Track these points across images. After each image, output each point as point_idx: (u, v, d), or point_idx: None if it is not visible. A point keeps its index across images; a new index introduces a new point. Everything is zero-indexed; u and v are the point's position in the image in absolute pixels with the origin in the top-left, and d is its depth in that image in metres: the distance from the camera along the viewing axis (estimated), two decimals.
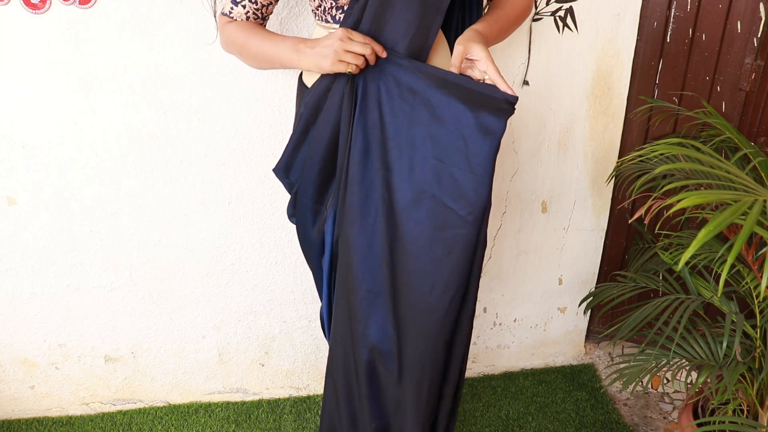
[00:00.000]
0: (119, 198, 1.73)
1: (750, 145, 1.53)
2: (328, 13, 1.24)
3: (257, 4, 1.27)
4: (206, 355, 1.99)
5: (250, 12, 1.28)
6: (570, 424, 1.98)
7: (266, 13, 1.31)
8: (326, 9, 1.23)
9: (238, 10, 1.27)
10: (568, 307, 2.17)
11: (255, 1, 1.27)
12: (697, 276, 1.68)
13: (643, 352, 1.63)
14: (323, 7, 1.24)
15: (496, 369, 2.20)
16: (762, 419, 1.56)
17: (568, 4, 1.69)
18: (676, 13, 1.76)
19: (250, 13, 1.28)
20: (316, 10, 1.27)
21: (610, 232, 2.09)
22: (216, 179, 1.74)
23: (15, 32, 1.50)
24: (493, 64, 1.12)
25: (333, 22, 1.24)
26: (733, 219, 0.98)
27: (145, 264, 1.83)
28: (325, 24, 1.26)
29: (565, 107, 1.84)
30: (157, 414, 2.01)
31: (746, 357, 1.52)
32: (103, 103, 1.61)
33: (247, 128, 1.69)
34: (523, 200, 1.95)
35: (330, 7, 1.22)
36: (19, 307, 1.83)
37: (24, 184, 1.67)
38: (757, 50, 1.74)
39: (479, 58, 1.13)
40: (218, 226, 1.81)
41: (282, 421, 1.99)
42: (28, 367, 1.92)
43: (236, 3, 1.27)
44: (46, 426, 1.96)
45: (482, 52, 1.12)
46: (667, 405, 2.07)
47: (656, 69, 1.84)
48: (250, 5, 1.27)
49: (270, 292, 1.93)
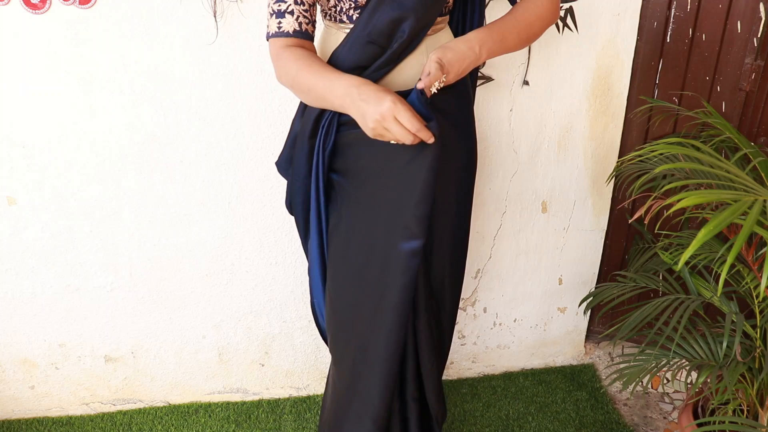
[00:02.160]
0: (119, 198, 1.73)
1: (750, 145, 1.53)
2: (345, 14, 1.21)
3: (304, 4, 1.17)
4: (206, 355, 1.99)
5: (300, 17, 1.16)
6: (570, 424, 1.98)
7: (314, 15, 1.20)
8: (343, 9, 1.20)
9: (287, 20, 1.16)
10: (568, 307, 2.17)
11: (301, 2, 1.16)
12: (697, 276, 1.68)
13: (643, 352, 1.63)
14: (340, 7, 1.20)
15: (496, 369, 2.20)
16: (762, 419, 1.56)
17: (568, 4, 1.69)
18: (676, 13, 1.76)
19: (300, 17, 1.16)
20: (329, 10, 1.22)
21: (610, 232, 2.09)
22: (216, 179, 1.74)
23: (15, 32, 1.50)
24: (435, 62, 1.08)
25: (349, 22, 1.21)
26: (733, 219, 0.98)
27: (145, 264, 1.83)
28: (340, 24, 1.22)
29: (565, 107, 1.84)
30: (157, 414, 2.01)
31: (746, 357, 1.52)
32: (103, 103, 1.61)
33: (247, 128, 1.69)
34: (523, 200, 1.95)
35: (348, 8, 1.19)
36: (19, 307, 1.83)
37: (24, 184, 1.67)
38: (757, 50, 1.74)
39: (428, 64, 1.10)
40: (218, 226, 1.81)
41: (282, 421, 1.99)
42: (28, 367, 1.92)
43: (282, 14, 1.16)
44: (46, 426, 1.96)
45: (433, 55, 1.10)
46: (667, 405, 2.07)
47: (656, 69, 1.84)
48: (298, 8, 1.16)
49: (270, 292, 1.93)
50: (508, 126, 1.83)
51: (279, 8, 1.16)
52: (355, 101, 1.08)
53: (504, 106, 1.80)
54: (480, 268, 2.02)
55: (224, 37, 1.57)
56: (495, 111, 1.80)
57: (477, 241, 1.97)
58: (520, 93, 1.79)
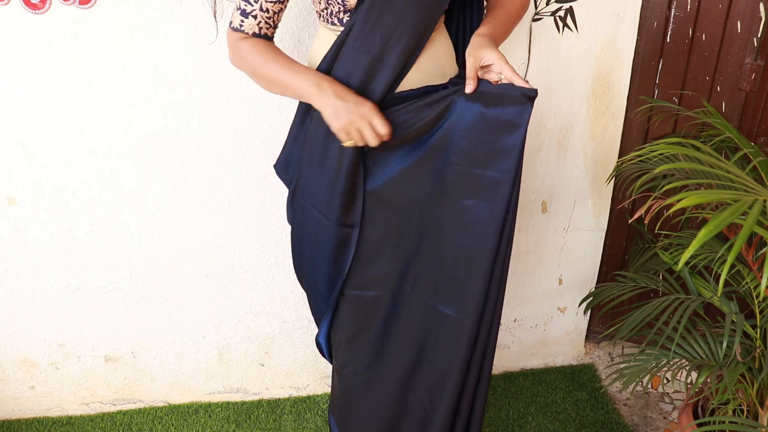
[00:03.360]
0: (119, 198, 1.73)
1: (750, 145, 1.53)
2: (336, 17, 1.23)
3: (268, 12, 1.22)
4: (206, 355, 1.99)
5: (262, 22, 1.22)
6: (570, 424, 1.98)
7: (277, 21, 1.25)
8: (333, 12, 1.23)
9: (249, 22, 1.22)
10: (568, 307, 2.17)
11: (266, 9, 1.21)
12: (697, 276, 1.68)
13: (643, 352, 1.63)
14: (330, 10, 1.23)
15: (496, 369, 2.20)
16: (762, 419, 1.56)
17: (568, 4, 1.69)
18: (676, 13, 1.76)
19: (262, 23, 1.22)
20: (322, 12, 1.25)
21: (610, 232, 2.09)
22: (216, 179, 1.74)
23: (15, 32, 1.50)
24: (507, 64, 1.14)
25: (340, 25, 1.23)
26: (733, 219, 0.98)
27: (145, 264, 1.83)
28: (331, 27, 1.25)
29: (565, 107, 1.84)
30: (157, 414, 2.01)
31: (746, 357, 1.52)
32: (103, 103, 1.61)
33: (247, 128, 1.69)
34: (523, 200, 1.95)
35: (338, 11, 1.22)
36: (19, 307, 1.83)
37: (24, 184, 1.67)
38: (757, 50, 1.74)
39: (492, 62, 1.15)
40: (218, 226, 1.81)
41: (282, 421, 1.99)
42: (28, 367, 1.92)
43: (246, 15, 1.21)
44: (46, 426, 1.96)
45: (493, 55, 1.14)
46: (667, 405, 2.07)
47: (656, 69, 1.84)
48: (262, 15, 1.21)
49: (270, 292, 1.93)
50: None
51: (245, 8, 1.22)
52: (327, 96, 1.15)
53: None
54: None
55: (224, 37, 1.57)
56: None
57: None
58: None
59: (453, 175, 1.24)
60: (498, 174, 1.19)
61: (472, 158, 1.21)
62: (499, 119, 1.17)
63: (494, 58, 1.14)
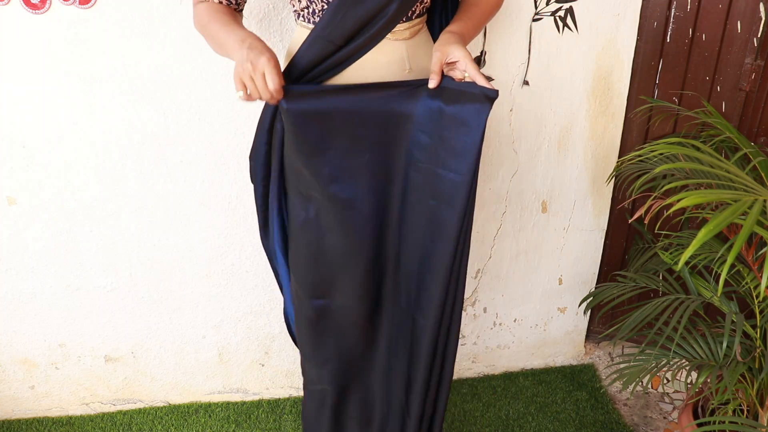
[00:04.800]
0: (119, 198, 1.73)
1: (750, 145, 1.53)
2: (318, 15, 1.22)
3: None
4: (206, 355, 1.99)
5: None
6: (570, 424, 1.98)
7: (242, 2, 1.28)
8: (315, 11, 1.22)
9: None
10: (568, 307, 2.17)
11: None
12: (697, 276, 1.68)
13: (643, 352, 1.63)
14: (312, 9, 1.22)
15: (496, 369, 2.20)
16: (762, 419, 1.56)
17: (568, 4, 1.69)
18: (676, 13, 1.76)
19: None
20: (302, 11, 1.25)
21: (610, 232, 2.09)
22: (216, 179, 1.74)
23: (15, 32, 1.50)
24: (472, 62, 1.14)
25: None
26: (733, 219, 0.98)
27: (145, 264, 1.83)
28: (311, 26, 1.24)
29: (565, 107, 1.84)
30: (157, 414, 2.01)
31: (746, 357, 1.52)
32: (103, 103, 1.61)
33: (248, 128, 1.69)
34: (523, 200, 1.95)
35: (320, 9, 1.21)
36: (19, 307, 1.83)
37: (24, 184, 1.67)
38: (757, 50, 1.74)
39: (458, 59, 1.15)
40: (218, 226, 1.81)
41: (282, 421, 1.99)
42: (28, 367, 1.92)
43: None
44: (46, 426, 1.96)
45: (460, 52, 1.15)
46: (667, 405, 2.07)
47: (656, 69, 1.84)
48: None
49: (270, 292, 1.93)
50: (508, 126, 1.83)
51: None
52: (242, 48, 1.14)
53: (504, 106, 1.80)
54: (480, 268, 2.02)
55: None
56: (495, 111, 1.80)
57: (477, 241, 1.97)
58: (520, 93, 1.79)
59: (418, 172, 1.26)
60: (456, 176, 1.20)
61: (434, 156, 1.22)
62: (456, 117, 1.17)
63: (460, 55, 1.14)
